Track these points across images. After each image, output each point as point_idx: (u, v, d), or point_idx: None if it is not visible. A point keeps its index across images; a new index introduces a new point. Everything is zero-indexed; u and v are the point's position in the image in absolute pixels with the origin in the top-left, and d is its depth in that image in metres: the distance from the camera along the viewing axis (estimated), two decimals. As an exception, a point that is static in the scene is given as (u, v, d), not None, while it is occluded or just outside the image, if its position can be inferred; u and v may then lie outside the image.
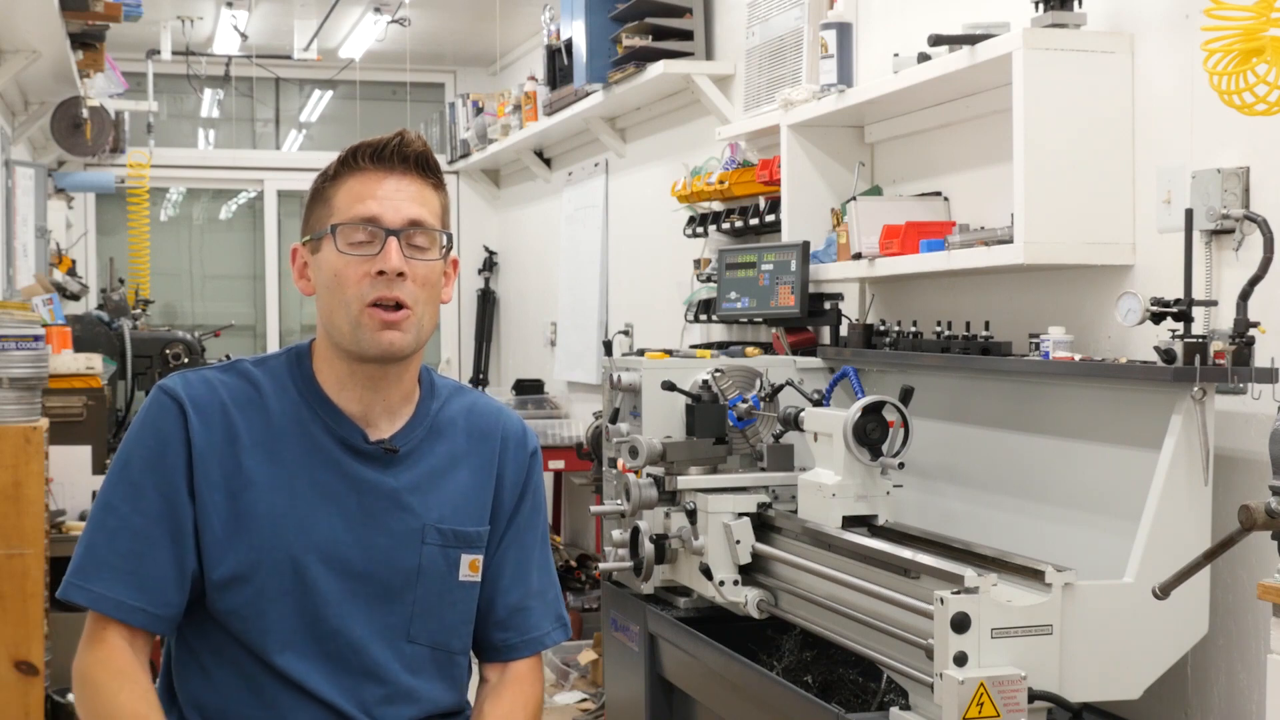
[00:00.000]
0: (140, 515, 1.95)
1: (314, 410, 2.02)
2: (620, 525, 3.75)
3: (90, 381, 5.30)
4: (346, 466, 2.01)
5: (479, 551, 2.09)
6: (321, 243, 2.00)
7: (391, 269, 1.94)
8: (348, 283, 1.96)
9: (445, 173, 2.14)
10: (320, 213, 2.01)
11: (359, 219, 1.96)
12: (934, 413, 3.52)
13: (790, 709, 2.97)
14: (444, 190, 2.06)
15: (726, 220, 4.93)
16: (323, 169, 2.04)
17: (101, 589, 1.94)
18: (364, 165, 1.99)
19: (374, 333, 1.96)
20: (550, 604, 2.19)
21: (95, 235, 9.23)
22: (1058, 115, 3.11)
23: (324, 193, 2.01)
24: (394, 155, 1.99)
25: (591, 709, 5.39)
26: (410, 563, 2.02)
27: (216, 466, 1.97)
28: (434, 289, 2.01)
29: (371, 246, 1.96)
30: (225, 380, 2.03)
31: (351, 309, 1.96)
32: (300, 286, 2.06)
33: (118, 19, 5.62)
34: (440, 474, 2.07)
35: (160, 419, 1.98)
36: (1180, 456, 2.69)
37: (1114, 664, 2.63)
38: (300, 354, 2.07)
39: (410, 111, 9.60)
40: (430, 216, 2.00)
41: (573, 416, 7.33)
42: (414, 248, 1.98)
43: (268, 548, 1.96)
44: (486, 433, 2.13)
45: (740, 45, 5.02)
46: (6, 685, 4.28)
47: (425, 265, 1.98)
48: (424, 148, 2.02)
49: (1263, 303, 2.68)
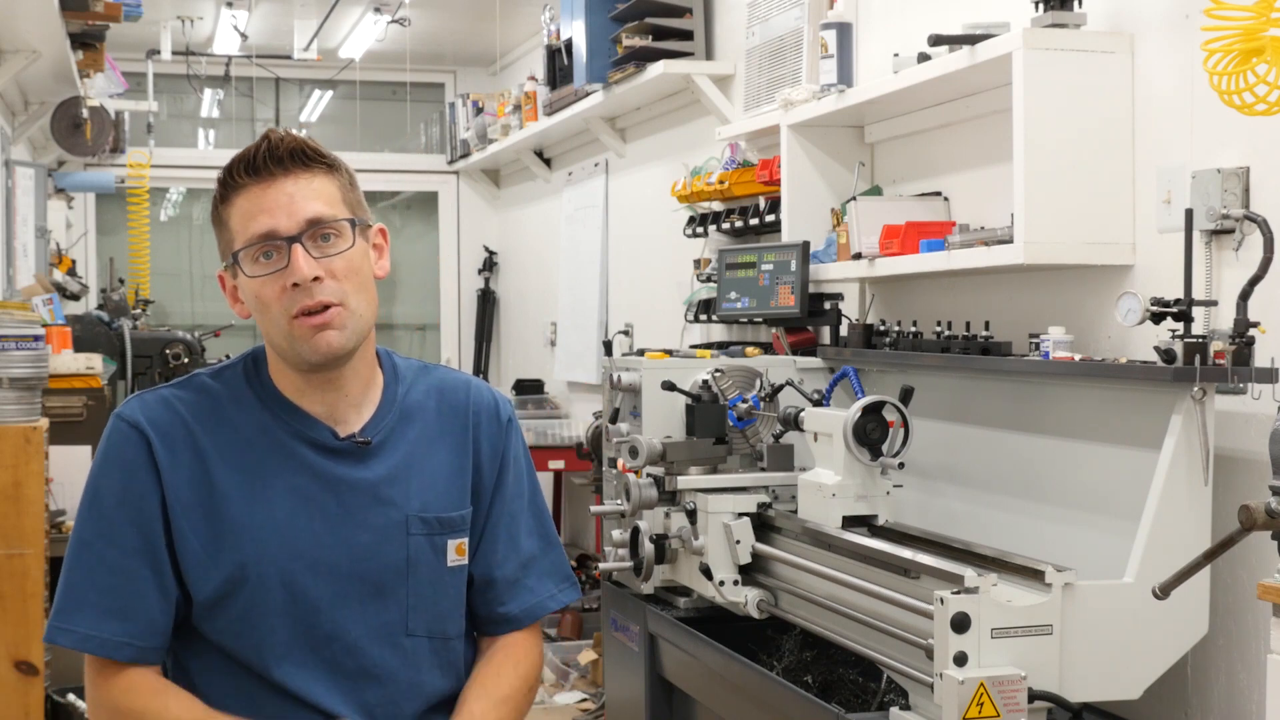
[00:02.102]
0: (116, 549, 1.92)
1: (278, 416, 1.98)
2: (620, 525, 3.75)
3: (90, 381, 5.30)
4: (320, 467, 1.97)
5: (464, 535, 2.06)
6: (235, 269, 1.94)
7: (303, 279, 1.88)
8: (269, 302, 1.91)
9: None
10: (224, 238, 1.95)
11: (256, 238, 1.89)
12: (934, 413, 3.52)
13: (790, 709, 2.97)
14: (338, 169, 1.96)
15: (726, 220, 4.93)
16: (213, 195, 1.96)
17: (85, 628, 1.91)
18: (244, 181, 1.91)
19: (309, 341, 1.90)
20: (551, 566, 2.15)
21: (95, 235, 9.23)
22: (1058, 115, 3.11)
23: (220, 217, 1.95)
24: (267, 161, 1.90)
25: (591, 709, 5.39)
26: (398, 556, 2.00)
27: (188, 488, 1.94)
28: (359, 275, 1.94)
29: (279, 260, 1.89)
30: (183, 397, 1.99)
31: (281, 325, 1.91)
32: (236, 310, 2.00)
33: (118, 19, 5.62)
34: (416, 460, 2.03)
35: (123, 449, 1.95)
36: (1180, 456, 2.68)
37: (1114, 664, 2.63)
38: (256, 359, 2.03)
39: (410, 111, 9.60)
40: (328, 206, 1.92)
41: (573, 416, 7.33)
42: (322, 244, 1.91)
43: (252, 561, 1.93)
44: (457, 409, 2.09)
45: (740, 45, 5.02)
46: (6, 685, 4.28)
47: (341, 258, 1.92)
48: (296, 142, 1.92)
49: (1263, 303, 2.68)
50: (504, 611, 2.12)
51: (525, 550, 2.13)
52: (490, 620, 2.13)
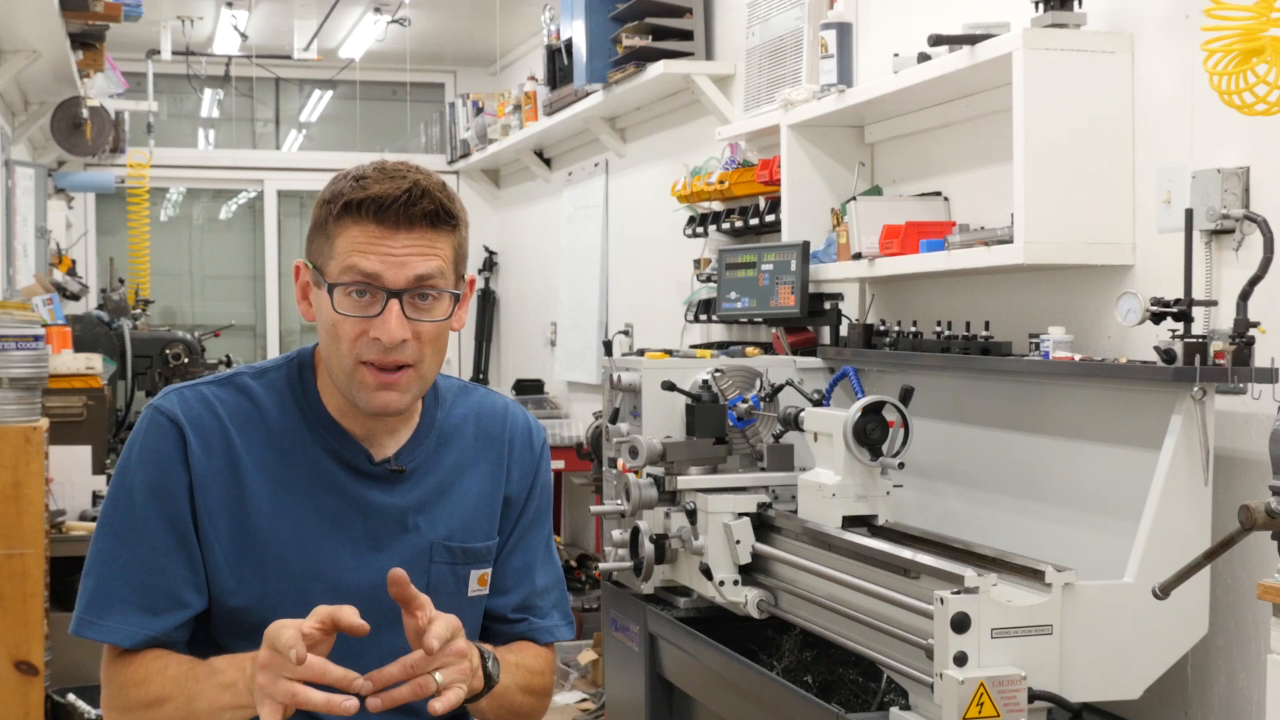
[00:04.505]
0: (147, 544, 1.88)
1: (317, 431, 1.94)
2: (620, 525, 3.75)
3: (90, 381, 5.30)
4: (351, 490, 1.94)
5: (488, 566, 2.03)
6: (319, 279, 1.86)
7: (391, 341, 1.80)
8: (344, 337, 1.83)
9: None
10: (320, 245, 1.86)
11: (358, 274, 1.80)
12: (934, 413, 3.52)
13: (790, 709, 2.97)
14: (460, 228, 1.88)
15: (726, 220, 4.93)
16: (328, 189, 1.86)
17: (116, 622, 1.88)
18: (366, 217, 1.81)
19: (369, 392, 1.85)
20: (555, 602, 2.14)
21: (95, 235, 9.23)
22: (1058, 115, 3.11)
23: (326, 228, 1.84)
24: (400, 214, 1.80)
25: (591, 709, 5.39)
26: (418, 583, 1.91)
27: (218, 492, 1.89)
28: (441, 340, 1.87)
29: (372, 305, 1.81)
30: (223, 396, 1.93)
31: (346, 363, 1.85)
32: (301, 309, 1.93)
33: (118, 19, 5.63)
34: (448, 487, 2.00)
35: (159, 443, 1.89)
36: (1180, 456, 2.68)
37: (1114, 664, 2.63)
38: (303, 365, 1.97)
39: (410, 111, 9.60)
40: (440, 268, 1.83)
41: (573, 416, 7.33)
42: (419, 303, 1.83)
43: (273, 577, 1.90)
44: (493, 435, 2.06)
45: (740, 45, 5.02)
46: (6, 685, 4.28)
47: (432, 325, 1.84)
48: (435, 204, 1.82)
49: (1263, 303, 2.68)
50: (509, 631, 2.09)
51: (539, 583, 2.12)
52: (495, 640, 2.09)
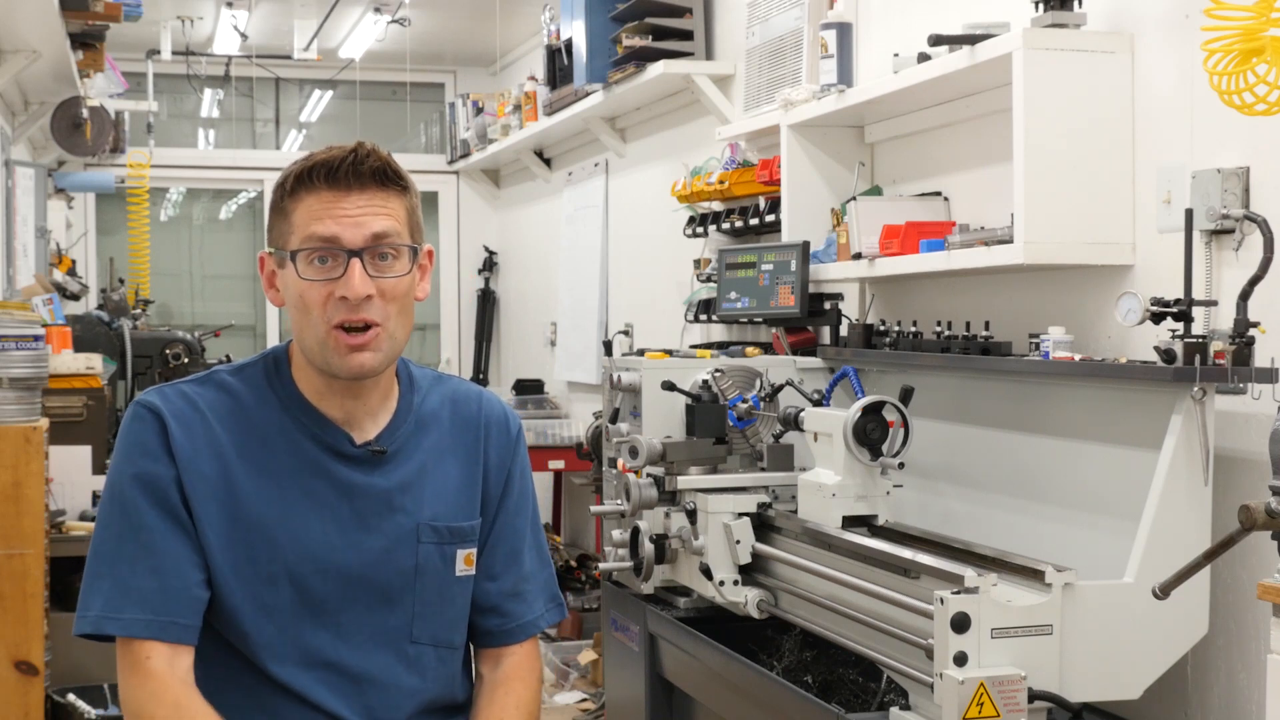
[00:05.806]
0: (148, 533, 1.92)
1: (297, 418, 1.99)
2: (620, 525, 3.75)
3: (90, 381, 5.30)
4: (335, 472, 1.99)
5: (473, 545, 2.08)
6: (282, 259, 1.94)
7: (355, 295, 1.89)
8: (312, 305, 1.91)
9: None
10: (280, 227, 1.95)
11: (318, 240, 1.90)
12: (934, 413, 3.52)
13: (790, 709, 2.97)
14: (410, 192, 1.97)
15: (726, 220, 4.93)
16: (280, 176, 1.96)
17: (133, 614, 1.90)
18: (319, 184, 1.91)
19: (342, 356, 1.92)
20: (543, 586, 2.17)
21: (95, 235, 9.23)
22: (1058, 115, 3.11)
23: (283, 208, 1.94)
24: (349, 174, 1.90)
25: (591, 709, 5.39)
26: (407, 563, 2.01)
27: (203, 478, 1.94)
28: (405, 299, 1.95)
29: (334, 268, 1.90)
30: (202, 393, 1.99)
31: (318, 330, 1.92)
32: (270, 297, 2.00)
33: (118, 19, 5.63)
34: (429, 469, 2.05)
35: (142, 434, 1.95)
36: (1180, 456, 2.69)
37: (1114, 664, 2.63)
38: (278, 359, 2.04)
39: (410, 111, 9.60)
40: (396, 226, 1.93)
41: (573, 416, 7.33)
42: (379, 262, 1.92)
43: (263, 560, 1.94)
44: (469, 420, 2.11)
45: (740, 45, 5.02)
46: (6, 685, 4.28)
47: (394, 281, 1.93)
48: (382, 161, 1.93)
49: (1263, 303, 2.68)
50: (498, 624, 2.13)
51: (525, 567, 2.15)
52: (484, 633, 2.14)
